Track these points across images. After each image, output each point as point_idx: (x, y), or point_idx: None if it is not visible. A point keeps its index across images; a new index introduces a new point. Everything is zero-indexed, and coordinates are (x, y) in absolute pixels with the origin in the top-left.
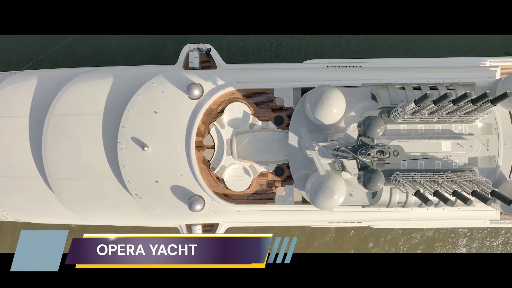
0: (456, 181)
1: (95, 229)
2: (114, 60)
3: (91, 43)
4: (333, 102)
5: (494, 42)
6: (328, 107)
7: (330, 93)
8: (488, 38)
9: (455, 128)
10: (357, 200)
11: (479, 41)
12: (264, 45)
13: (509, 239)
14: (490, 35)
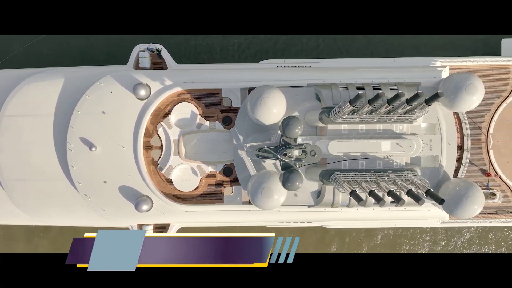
0: (394, 181)
1: None
2: (74, 60)
3: (50, 43)
4: (272, 102)
5: (459, 42)
6: (267, 107)
7: (269, 94)
8: (453, 38)
9: (396, 128)
10: (302, 200)
11: (443, 40)
12: (232, 45)
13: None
14: (458, 35)
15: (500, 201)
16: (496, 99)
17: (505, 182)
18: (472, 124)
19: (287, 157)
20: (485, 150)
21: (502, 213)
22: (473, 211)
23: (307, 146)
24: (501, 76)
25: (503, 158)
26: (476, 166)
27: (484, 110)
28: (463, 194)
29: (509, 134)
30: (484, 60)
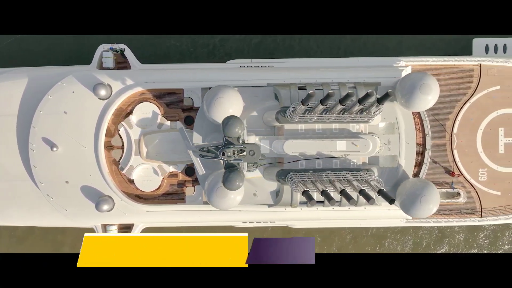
0: (348, 180)
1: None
2: (41, 60)
3: (17, 43)
4: (227, 102)
5: (431, 42)
6: (221, 107)
7: (223, 93)
8: (426, 38)
9: (353, 127)
10: (261, 200)
11: (416, 40)
12: (207, 45)
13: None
14: (430, 35)
15: (464, 200)
16: (460, 99)
17: (469, 182)
18: (436, 123)
19: (225, 157)
20: (449, 150)
21: (466, 213)
22: (428, 211)
23: (246, 145)
24: (464, 75)
25: (467, 157)
26: (440, 166)
27: (448, 110)
28: (418, 193)
29: (473, 133)
30: (448, 59)
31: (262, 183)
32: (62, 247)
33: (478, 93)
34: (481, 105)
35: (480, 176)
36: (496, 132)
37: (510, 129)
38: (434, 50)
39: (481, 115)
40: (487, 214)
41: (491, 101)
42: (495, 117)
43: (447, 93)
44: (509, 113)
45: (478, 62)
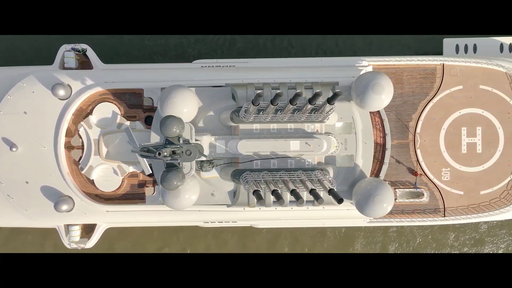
0: (301, 180)
1: None
2: (9, 60)
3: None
4: (180, 101)
5: (403, 42)
6: (175, 107)
7: (176, 93)
8: (397, 38)
9: (308, 127)
10: (219, 200)
11: (387, 40)
12: (181, 45)
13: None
14: (401, 35)
15: (427, 200)
16: (423, 99)
17: (432, 181)
18: (399, 123)
19: (162, 156)
20: (412, 149)
21: (430, 212)
22: (382, 210)
23: (182, 145)
24: (427, 75)
25: (430, 157)
26: (403, 165)
27: (411, 110)
28: (372, 193)
29: (436, 133)
30: (410, 59)
31: (219, 183)
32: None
33: (441, 93)
34: (444, 105)
35: (443, 176)
36: (459, 131)
37: (473, 129)
38: (406, 50)
39: (444, 115)
40: (450, 214)
41: (454, 101)
42: (458, 116)
43: (410, 93)
44: (471, 112)
45: (440, 62)
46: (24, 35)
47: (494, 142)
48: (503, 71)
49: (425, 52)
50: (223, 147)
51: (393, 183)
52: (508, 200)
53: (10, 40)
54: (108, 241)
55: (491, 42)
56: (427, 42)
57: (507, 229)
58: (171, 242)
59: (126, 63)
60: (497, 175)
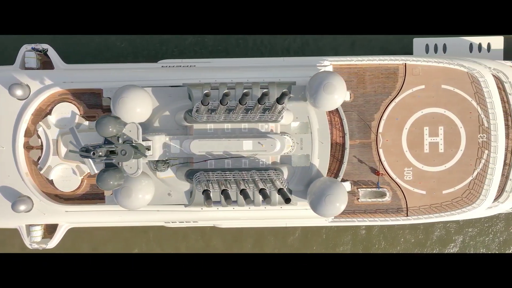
0: (253, 180)
1: None
2: None
3: None
4: (131, 101)
5: (374, 42)
6: (126, 107)
7: (128, 93)
8: (368, 38)
9: (262, 127)
10: (176, 200)
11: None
12: (153, 45)
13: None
14: (372, 35)
15: (390, 199)
16: (385, 98)
17: (394, 181)
18: (361, 123)
19: (96, 156)
20: (374, 149)
21: (392, 212)
22: (334, 209)
23: (117, 145)
24: (390, 75)
25: (392, 156)
26: (366, 165)
27: (373, 109)
28: (324, 192)
29: (398, 133)
30: (372, 59)
31: (175, 183)
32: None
33: (403, 92)
34: (406, 105)
35: (405, 176)
36: (421, 131)
37: (435, 129)
38: (377, 50)
39: (406, 114)
40: (412, 213)
41: (416, 100)
42: (420, 116)
43: (373, 93)
44: (433, 112)
45: (402, 61)
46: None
47: (456, 141)
48: (464, 70)
49: (394, 52)
50: (177, 147)
51: (356, 182)
52: (470, 200)
53: None
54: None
55: (460, 42)
56: (398, 42)
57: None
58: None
59: (98, 63)
60: (459, 175)
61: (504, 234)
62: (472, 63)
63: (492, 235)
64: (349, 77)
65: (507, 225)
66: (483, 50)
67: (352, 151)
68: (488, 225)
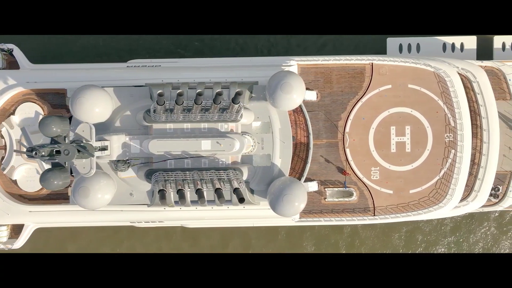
0: (211, 179)
1: None
2: None
3: None
4: (88, 101)
5: (349, 42)
6: (83, 107)
7: (85, 93)
8: (343, 38)
9: (222, 127)
10: (138, 200)
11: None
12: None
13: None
14: (348, 35)
15: (357, 199)
16: (352, 98)
17: (361, 181)
18: (328, 122)
19: (39, 156)
20: (341, 149)
21: (359, 211)
22: (293, 209)
23: (61, 145)
24: (356, 74)
25: (359, 156)
26: (333, 165)
27: (340, 109)
28: (282, 192)
29: (365, 132)
30: (338, 58)
31: (137, 183)
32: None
33: (370, 92)
34: (373, 104)
35: (372, 175)
36: (388, 131)
37: (402, 128)
38: (351, 49)
39: (373, 114)
40: (380, 213)
41: (382, 100)
42: (387, 116)
43: (340, 92)
44: (400, 112)
45: (369, 61)
46: None
47: (423, 141)
48: (431, 70)
49: (369, 52)
50: (137, 147)
51: (323, 182)
52: (437, 199)
53: None
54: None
55: (434, 42)
56: (373, 42)
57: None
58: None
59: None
60: (426, 174)
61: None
62: (439, 62)
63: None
64: (315, 77)
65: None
66: (457, 50)
67: (319, 150)
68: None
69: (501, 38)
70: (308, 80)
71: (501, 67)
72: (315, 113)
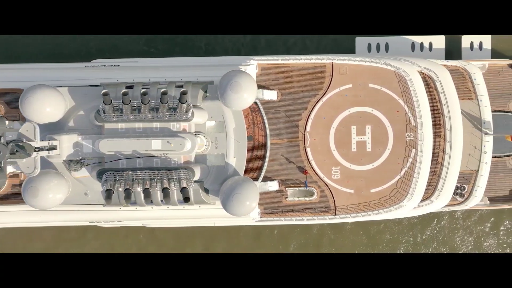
0: (161, 179)
1: None
2: None
3: None
4: (37, 101)
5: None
6: (32, 106)
7: (34, 93)
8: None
9: (174, 126)
10: (93, 200)
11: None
12: None
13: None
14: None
15: (318, 198)
16: (313, 97)
17: (322, 180)
18: (289, 122)
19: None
20: (302, 148)
21: (320, 211)
22: (244, 208)
23: (10, 145)
24: (317, 74)
25: (320, 155)
26: (294, 164)
27: (301, 108)
28: (233, 191)
29: (326, 132)
30: (298, 58)
31: (91, 183)
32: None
33: (331, 91)
34: (333, 104)
35: (333, 174)
36: (348, 130)
37: (362, 127)
38: (321, 49)
39: (334, 113)
40: (340, 212)
41: (343, 99)
42: (347, 115)
43: (300, 92)
44: (361, 111)
45: (329, 61)
46: None
47: (384, 140)
48: (391, 69)
49: (339, 51)
50: (90, 146)
51: (284, 181)
52: (397, 198)
53: None
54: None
55: (402, 41)
56: (344, 41)
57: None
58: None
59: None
60: (387, 173)
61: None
62: (399, 62)
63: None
64: (276, 77)
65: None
66: (425, 49)
67: (280, 150)
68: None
69: (469, 38)
70: (268, 80)
71: (466, 67)
72: (276, 112)
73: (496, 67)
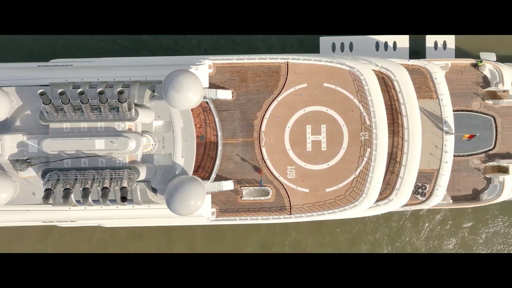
0: (103, 178)
1: None
2: None
3: None
4: None
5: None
6: None
7: None
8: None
9: (118, 126)
10: (41, 199)
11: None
12: None
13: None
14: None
15: (273, 198)
16: (268, 97)
17: (277, 179)
18: (244, 121)
19: None
20: (257, 148)
21: (276, 210)
22: (189, 207)
23: None
24: (272, 73)
25: (275, 155)
26: (249, 164)
27: (256, 108)
28: (176, 191)
29: (281, 131)
30: (253, 57)
31: (39, 183)
32: None
33: (286, 91)
34: (288, 103)
35: (288, 174)
36: (303, 129)
37: (317, 127)
38: (287, 49)
39: (289, 113)
40: (296, 212)
41: (298, 99)
42: (302, 115)
43: (255, 91)
44: (316, 110)
45: (284, 60)
46: None
47: (339, 139)
48: (346, 69)
49: (305, 51)
50: (35, 146)
51: (239, 181)
52: (353, 197)
53: None
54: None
55: (367, 41)
56: (309, 41)
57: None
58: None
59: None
60: (342, 173)
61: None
62: (354, 61)
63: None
64: (231, 76)
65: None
66: (389, 49)
67: (235, 149)
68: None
69: (433, 38)
70: (223, 79)
71: (427, 66)
72: (231, 112)
73: (459, 66)
